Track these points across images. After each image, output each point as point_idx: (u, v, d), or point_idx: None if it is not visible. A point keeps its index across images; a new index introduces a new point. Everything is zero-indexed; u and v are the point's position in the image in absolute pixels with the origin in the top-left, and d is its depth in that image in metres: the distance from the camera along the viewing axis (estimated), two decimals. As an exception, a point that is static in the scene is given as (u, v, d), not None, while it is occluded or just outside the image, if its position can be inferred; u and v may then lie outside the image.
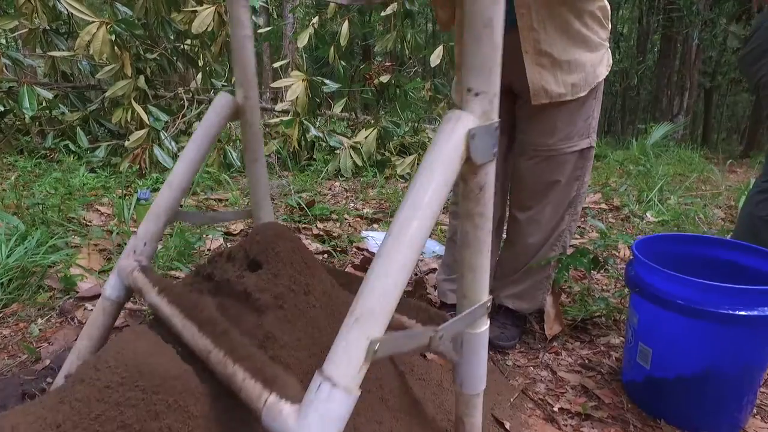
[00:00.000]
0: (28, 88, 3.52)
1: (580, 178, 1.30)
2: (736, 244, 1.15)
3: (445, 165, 0.58)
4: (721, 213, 3.01)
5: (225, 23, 3.71)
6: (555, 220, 1.32)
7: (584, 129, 1.26)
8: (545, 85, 1.17)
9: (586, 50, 1.19)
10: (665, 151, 6.79)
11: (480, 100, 0.60)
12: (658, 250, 1.19)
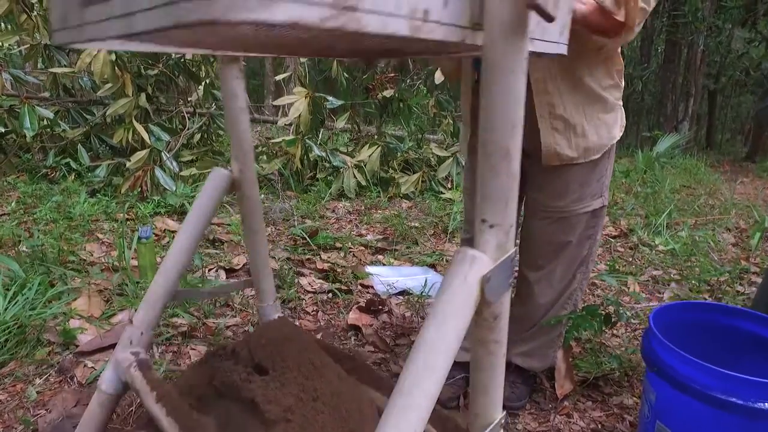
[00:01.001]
0: (29, 108, 3.50)
1: (592, 237, 1.26)
2: (758, 317, 1.11)
3: (457, 317, 0.54)
4: (732, 238, 2.97)
5: (227, 41, 3.68)
6: (566, 280, 1.29)
7: (597, 189, 1.22)
8: (558, 149, 1.14)
9: (601, 112, 1.15)
10: (671, 159, 6.74)
11: (495, 233, 0.56)
12: (677, 318, 1.15)
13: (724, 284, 2.14)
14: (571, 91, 1.11)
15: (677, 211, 3.63)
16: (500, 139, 0.54)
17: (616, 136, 1.19)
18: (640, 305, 1.98)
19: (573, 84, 1.10)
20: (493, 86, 0.53)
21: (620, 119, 1.22)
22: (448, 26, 0.50)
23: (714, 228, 3.10)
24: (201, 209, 0.99)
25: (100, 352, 1.48)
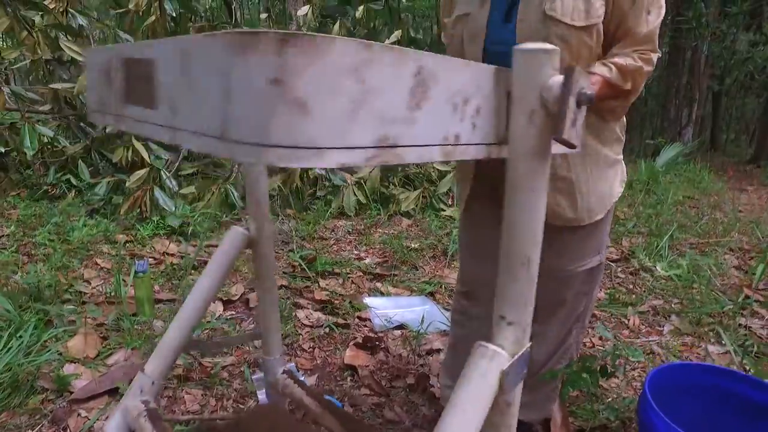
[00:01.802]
0: (29, 127, 3.50)
1: (588, 293, 1.25)
2: (757, 382, 1.09)
3: (476, 409, 0.56)
4: (735, 260, 2.94)
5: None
6: (562, 335, 1.27)
7: (595, 248, 1.20)
8: (559, 209, 1.11)
9: (604, 169, 1.13)
10: (674, 165, 6.68)
11: (513, 330, 0.60)
12: (674, 381, 1.13)
13: (726, 317, 2.11)
14: (575, 153, 1.09)
15: (679, 228, 3.60)
16: (522, 248, 0.58)
17: (618, 192, 1.18)
18: (640, 341, 1.96)
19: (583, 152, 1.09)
20: (516, 202, 0.57)
21: (621, 173, 1.20)
22: (477, 146, 0.54)
23: (716, 249, 3.07)
24: (217, 266, 1.02)
25: (94, 399, 1.47)
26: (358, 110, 0.39)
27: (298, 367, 1.73)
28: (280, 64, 0.35)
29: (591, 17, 0.95)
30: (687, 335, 2.00)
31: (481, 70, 0.52)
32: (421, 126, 0.46)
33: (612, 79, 0.96)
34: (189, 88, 0.44)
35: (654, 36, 0.99)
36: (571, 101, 0.50)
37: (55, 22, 4.04)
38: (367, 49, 0.39)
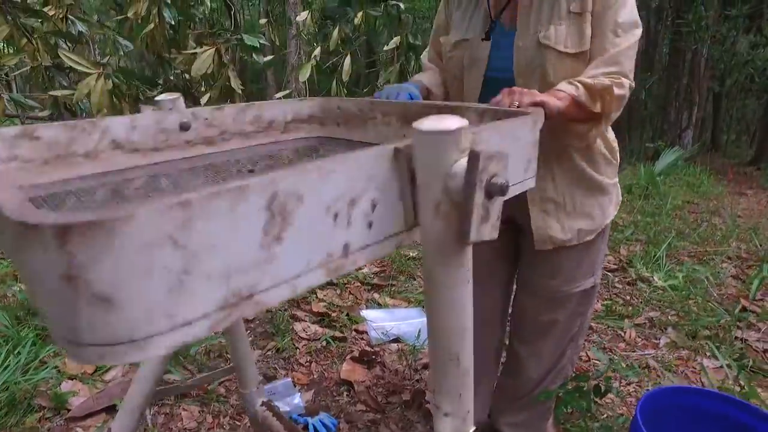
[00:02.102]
0: (28, 135, 3.51)
1: (582, 314, 1.25)
2: (747, 406, 1.09)
3: None
4: (733, 269, 2.94)
5: (225, 65, 3.68)
6: (556, 355, 1.28)
7: (589, 269, 1.21)
8: (550, 231, 1.12)
9: (595, 194, 1.14)
10: (673, 169, 6.67)
11: (451, 420, 0.58)
12: (667, 404, 1.14)
13: (722, 330, 2.12)
14: (563, 173, 1.10)
15: (678, 236, 3.60)
16: (449, 346, 0.54)
17: (611, 216, 1.18)
18: (636, 354, 1.97)
19: (566, 167, 1.10)
20: (436, 301, 0.52)
21: (616, 197, 1.20)
22: (379, 244, 0.46)
23: (714, 258, 3.07)
24: None
25: (91, 417, 1.48)
26: (184, 282, 0.33)
27: (294, 382, 1.74)
28: (67, 260, 0.29)
29: (583, 44, 0.97)
30: (683, 348, 2.00)
31: (374, 159, 0.44)
32: (284, 259, 0.38)
33: (579, 98, 0.92)
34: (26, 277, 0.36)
35: (622, 59, 0.95)
36: (479, 195, 0.43)
37: (54, 29, 4.05)
38: (183, 209, 0.32)
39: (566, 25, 0.97)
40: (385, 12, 4.88)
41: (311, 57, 4.22)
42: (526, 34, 1.01)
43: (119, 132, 0.75)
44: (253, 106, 0.91)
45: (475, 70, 1.08)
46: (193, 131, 0.84)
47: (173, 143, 0.82)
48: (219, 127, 0.87)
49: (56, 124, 0.70)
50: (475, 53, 1.07)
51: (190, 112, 0.84)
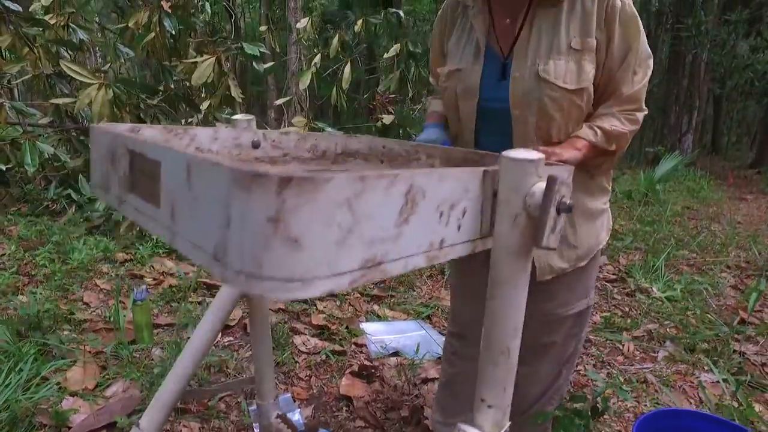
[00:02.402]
0: (30, 144, 3.53)
1: (577, 335, 1.26)
2: (743, 430, 1.10)
3: None
4: (732, 279, 2.95)
5: (225, 74, 3.69)
6: (552, 375, 1.29)
7: (583, 292, 1.21)
8: (551, 262, 1.13)
9: (590, 220, 1.15)
10: (673, 174, 6.68)
11: (493, 413, 0.62)
12: (662, 426, 1.15)
13: (720, 343, 2.12)
14: None
15: (677, 243, 3.61)
16: (503, 339, 0.60)
17: (603, 241, 1.19)
18: (634, 368, 1.97)
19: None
20: (498, 296, 0.60)
21: (607, 222, 1.21)
22: (462, 245, 0.56)
23: (713, 267, 3.08)
24: (215, 313, 1.05)
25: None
26: (346, 239, 0.41)
27: (294, 397, 1.75)
28: (280, 204, 0.36)
29: (582, 80, 0.97)
30: (681, 363, 2.01)
31: (470, 175, 0.54)
32: (406, 239, 0.47)
33: (597, 143, 0.98)
34: (191, 200, 0.45)
35: (640, 96, 1.00)
36: (552, 210, 0.53)
37: (56, 37, 4.07)
38: (361, 182, 0.41)
39: (565, 61, 0.97)
40: (385, 20, 4.89)
41: (311, 64, 4.24)
42: (523, 65, 1.00)
43: (204, 141, 0.88)
44: (312, 136, 1.02)
45: (469, 100, 1.07)
46: (261, 149, 0.95)
47: (244, 158, 0.93)
48: (283, 150, 0.98)
49: (158, 127, 0.82)
50: (468, 82, 1.07)
51: (262, 133, 0.95)
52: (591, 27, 0.97)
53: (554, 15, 0.99)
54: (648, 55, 1.02)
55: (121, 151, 0.61)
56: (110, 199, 0.66)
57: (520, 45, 1.01)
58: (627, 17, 0.98)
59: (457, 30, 1.13)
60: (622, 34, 0.97)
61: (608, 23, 0.97)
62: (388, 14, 4.76)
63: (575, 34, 0.97)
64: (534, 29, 1.00)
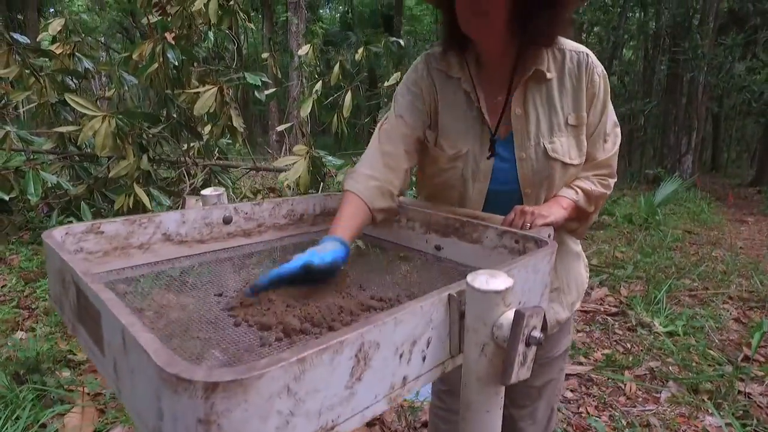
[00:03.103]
0: (33, 174, 3.55)
1: (563, 369, 1.28)
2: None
3: None
4: (734, 310, 2.93)
5: (227, 103, 3.73)
6: (548, 414, 1.30)
7: (567, 330, 1.23)
8: (556, 315, 1.14)
9: (577, 261, 1.18)
10: (674, 195, 6.69)
11: None
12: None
13: (725, 381, 2.10)
14: (560, 260, 1.12)
15: (678, 272, 3.60)
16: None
17: (587, 278, 1.22)
18: (636, 409, 1.95)
19: (562, 254, 1.12)
20: (471, 420, 0.57)
21: (584, 260, 1.22)
22: (428, 372, 0.54)
23: (715, 300, 3.06)
24: None
25: (89, 487, 1.47)
26: (290, 422, 0.39)
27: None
28: (208, 408, 0.35)
29: (582, 154, 1.01)
30: (684, 404, 1.99)
31: (433, 305, 0.51)
32: (361, 394, 0.45)
33: (579, 203, 1.00)
34: (129, 371, 0.43)
35: (612, 162, 1.04)
36: (521, 346, 0.51)
37: (61, 66, 4.13)
38: (300, 363, 0.39)
39: (567, 137, 0.98)
40: (385, 47, 4.97)
41: (313, 91, 4.29)
42: (527, 145, 0.99)
43: (171, 226, 0.85)
44: (288, 201, 1.00)
45: (478, 185, 1.02)
46: (234, 224, 0.93)
47: (216, 235, 0.91)
48: (257, 221, 0.96)
49: (118, 220, 0.80)
50: (477, 168, 1.01)
51: (233, 207, 0.92)
52: (582, 102, 0.99)
53: (546, 91, 0.99)
54: (616, 123, 1.06)
55: (68, 278, 0.59)
56: (65, 319, 0.64)
57: (519, 125, 0.99)
58: (605, 87, 1.01)
59: (448, 101, 1.05)
60: (600, 104, 1.01)
61: (590, 95, 1.00)
62: (389, 42, 4.84)
63: (570, 111, 0.99)
64: (530, 107, 0.99)
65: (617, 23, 9.16)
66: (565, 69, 0.99)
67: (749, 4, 7.12)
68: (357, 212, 0.93)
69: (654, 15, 8.84)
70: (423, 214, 0.96)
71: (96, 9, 18.52)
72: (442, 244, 0.94)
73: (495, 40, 0.96)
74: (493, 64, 1.01)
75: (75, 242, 0.75)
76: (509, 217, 0.91)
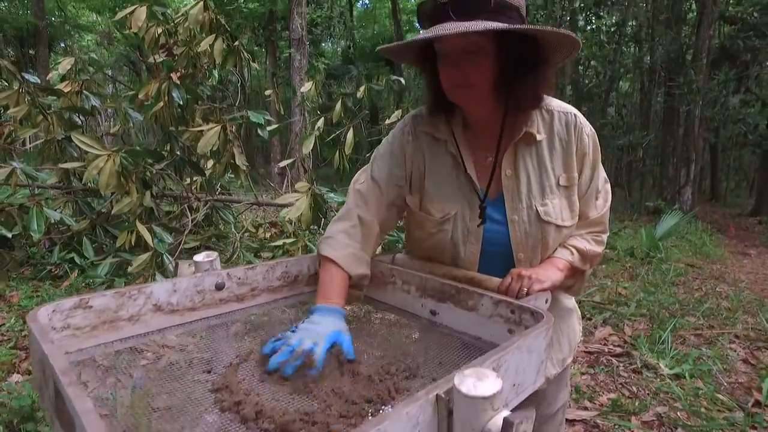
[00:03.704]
0: (37, 211, 3.57)
1: (562, 423, 1.24)
2: None
3: None
4: (742, 351, 2.89)
5: (230, 141, 3.79)
6: None
7: (565, 382, 1.21)
8: (548, 374, 1.12)
9: (569, 317, 1.16)
10: (675, 228, 6.69)
11: None
12: None
13: (736, 428, 2.05)
14: (557, 322, 1.11)
15: (681, 309, 3.57)
16: None
17: (580, 331, 1.20)
18: (646, 460, 1.90)
19: (554, 311, 1.11)
20: None
21: (576, 313, 1.20)
22: None
23: (720, 340, 3.02)
24: None
25: None
26: None
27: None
28: None
29: (575, 215, 1.01)
30: (694, 454, 1.94)
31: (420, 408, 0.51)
32: None
33: (575, 263, 1.01)
34: None
35: (604, 219, 1.05)
36: None
37: (69, 104, 4.22)
38: None
39: (558, 198, 0.98)
40: (387, 85, 5.07)
41: (315, 128, 4.35)
42: (519, 208, 0.98)
43: (161, 296, 0.83)
44: (281, 263, 0.98)
45: (471, 247, 1.00)
46: (226, 290, 0.91)
47: (208, 302, 0.89)
48: (250, 285, 0.94)
49: (108, 294, 0.77)
50: (467, 230, 0.99)
51: (225, 273, 0.90)
52: (573, 162, 0.98)
53: (537, 152, 0.98)
54: (606, 180, 1.07)
55: (48, 371, 0.57)
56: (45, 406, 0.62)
57: (509, 186, 0.98)
58: (594, 145, 1.01)
59: (435, 164, 1.03)
60: (590, 163, 1.01)
61: (581, 155, 0.99)
62: (390, 80, 4.95)
63: (561, 172, 0.98)
64: (520, 168, 0.98)
65: (612, 57, 9.39)
66: (554, 130, 0.99)
67: (739, 41, 7.31)
68: (340, 280, 0.94)
69: (648, 50, 9.06)
70: (418, 278, 0.95)
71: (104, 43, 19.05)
72: (438, 310, 0.93)
73: (481, 107, 0.96)
74: (480, 127, 1.00)
75: (62, 319, 0.73)
76: (506, 281, 0.91)
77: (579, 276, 1.05)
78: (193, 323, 0.87)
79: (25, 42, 14.65)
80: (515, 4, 0.87)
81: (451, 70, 0.91)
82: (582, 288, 1.12)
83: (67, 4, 16.40)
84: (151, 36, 4.10)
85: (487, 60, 0.88)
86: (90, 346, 0.77)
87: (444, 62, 0.92)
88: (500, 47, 0.88)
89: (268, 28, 11.49)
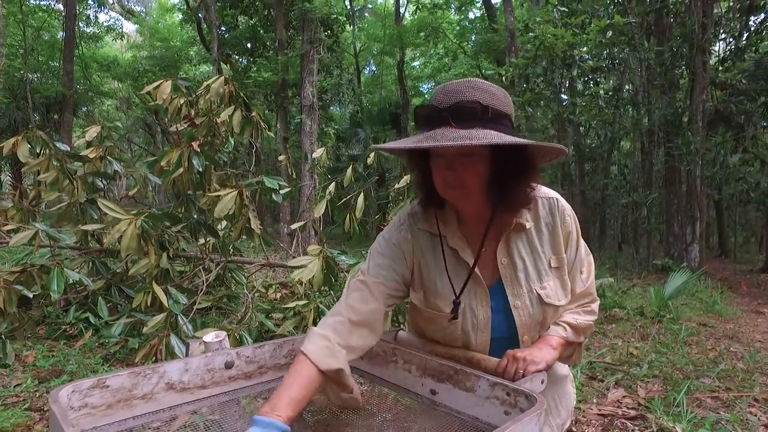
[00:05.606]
0: (58, 271, 3.69)
1: None
2: None
3: None
4: (762, 415, 2.83)
5: (246, 206, 3.96)
6: None
7: None
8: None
9: (564, 383, 1.19)
10: (685, 286, 6.64)
11: None
12: None
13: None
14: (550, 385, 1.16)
15: (696, 369, 3.52)
16: None
17: (574, 394, 1.23)
18: None
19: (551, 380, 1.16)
20: None
21: (569, 376, 1.24)
22: None
23: (738, 402, 2.97)
24: None
25: None
26: None
27: None
28: None
29: (567, 292, 1.08)
30: None
31: None
32: None
33: (569, 338, 1.05)
34: None
35: (591, 290, 1.11)
36: None
37: (93, 169, 4.45)
38: None
39: (553, 279, 1.04)
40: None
41: (326, 192, 4.53)
42: (520, 293, 1.02)
43: (174, 375, 0.88)
44: (289, 341, 1.03)
45: (481, 335, 1.04)
46: (235, 368, 0.96)
47: (217, 380, 0.94)
48: (258, 363, 0.99)
49: (124, 373, 0.82)
50: (476, 319, 1.03)
51: (234, 352, 0.96)
52: (560, 243, 1.06)
53: (527, 239, 1.05)
54: (587, 251, 1.12)
55: None
56: None
57: (507, 272, 1.03)
58: (575, 225, 1.09)
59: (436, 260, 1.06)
60: (573, 241, 1.08)
61: (566, 235, 1.07)
62: (398, 145, 5.18)
63: (551, 254, 1.05)
64: (515, 255, 1.04)
65: (611, 119, 9.75)
66: (540, 216, 1.06)
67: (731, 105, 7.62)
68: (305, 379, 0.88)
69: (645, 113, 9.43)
70: (419, 358, 0.98)
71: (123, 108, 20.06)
72: (438, 389, 0.96)
73: (474, 206, 1.02)
74: (472, 221, 1.06)
75: (80, 398, 0.77)
76: (502, 363, 0.95)
77: (576, 347, 1.10)
78: (202, 400, 0.92)
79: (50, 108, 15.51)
80: (507, 112, 0.94)
81: (445, 171, 0.95)
82: (581, 357, 1.16)
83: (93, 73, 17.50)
84: (174, 106, 4.40)
85: (481, 164, 0.94)
86: (104, 424, 0.80)
87: (438, 163, 0.96)
88: (494, 152, 0.94)
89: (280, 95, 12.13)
